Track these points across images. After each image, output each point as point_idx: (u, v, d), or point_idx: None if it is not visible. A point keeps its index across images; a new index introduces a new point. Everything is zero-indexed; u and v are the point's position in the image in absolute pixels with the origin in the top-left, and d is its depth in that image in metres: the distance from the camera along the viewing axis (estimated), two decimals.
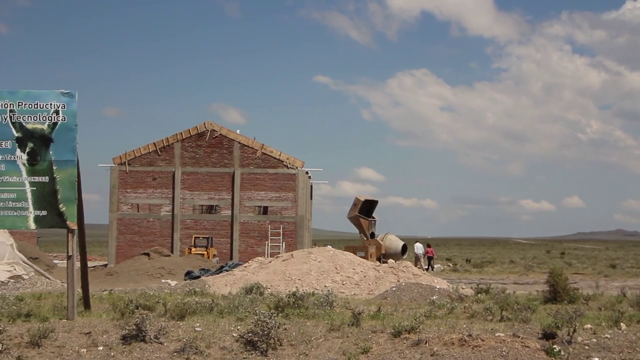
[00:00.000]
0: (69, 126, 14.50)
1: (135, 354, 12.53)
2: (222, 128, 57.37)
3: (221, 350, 12.69)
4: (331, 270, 27.90)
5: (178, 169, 56.24)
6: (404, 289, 21.58)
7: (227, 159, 56.38)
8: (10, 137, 14.42)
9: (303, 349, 12.72)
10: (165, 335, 12.98)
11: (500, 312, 14.90)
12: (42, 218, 14.51)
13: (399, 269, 28.40)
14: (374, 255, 48.35)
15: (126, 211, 56.43)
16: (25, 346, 12.65)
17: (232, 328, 13.40)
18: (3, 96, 14.49)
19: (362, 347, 12.60)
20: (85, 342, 12.90)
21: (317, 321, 13.84)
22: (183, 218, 56.11)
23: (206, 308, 14.96)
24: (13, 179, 14.41)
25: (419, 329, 13.00)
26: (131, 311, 14.18)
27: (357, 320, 13.56)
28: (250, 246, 55.53)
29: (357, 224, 52.90)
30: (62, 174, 14.48)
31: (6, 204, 14.38)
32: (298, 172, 56.17)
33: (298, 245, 52.78)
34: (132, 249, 54.37)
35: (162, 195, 56.32)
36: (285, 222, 55.63)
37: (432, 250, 54.72)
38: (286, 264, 28.68)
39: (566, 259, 71.49)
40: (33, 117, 14.46)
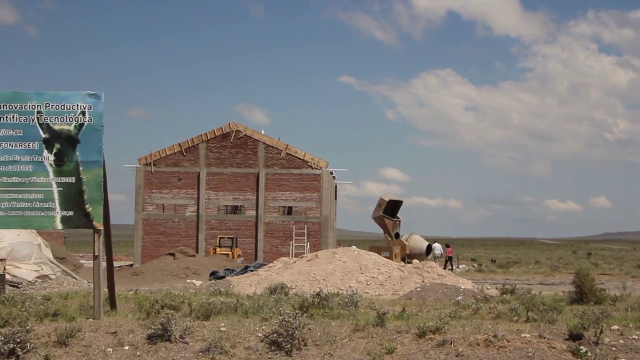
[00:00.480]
0: (95, 127, 14.60)
1: (160, 354, 12.59)
2: (246, 128, 57.51)
3: (246, 350, 12.72)
4: (356, 270, 27.88)
5: (203, 170, 56.44)
6: (429, 290, 21.52)
7: (252, 159, 56.51)
8: (37, 138, 14.54)
9: (328, 349, 12.72)
10: (190, 335, 13.03)
11: (526, 312, 14.82)
12: (69, 218, 14.62)
13: (424, 269, 28.34)
14: (399, 256, 48.29)
15: (152, 211, 56.73)
16: (53, 345, 12.75)
17: (257, 328, 13.43)
18: (31, 98, 14.62)
19: (387, 348, 12.58)
20: (112, 341, 12.98)
21: (341, 321, 13.84)
22: (208, 218, 56.31)
23: (231, 308, 15.00)
24: (40, 180, 14.53)
25: (444, 329, 12.96)
26: (157, 311, 14.25)
27: (382, 320, 13.54)
28: (274, 246, 55.61)
29: (381, 224, 52.88)
30: (89, 175, 14.58)
31: (34, 204, 14.51)
32: (322, 173, 56.17)
33: (322, 246, 52.78)
34: (158, 249, 54.64)
35: (187, 196, 56.55)
36: (310, 222, 55.65)
37: (450, 250, 54.58)
38: (311, 264, 28.70)
39: (593, 260, 70.94)
40: (60, 118, 14.57)
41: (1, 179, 14.46)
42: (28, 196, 14.52)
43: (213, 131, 57.16)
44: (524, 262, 65.02)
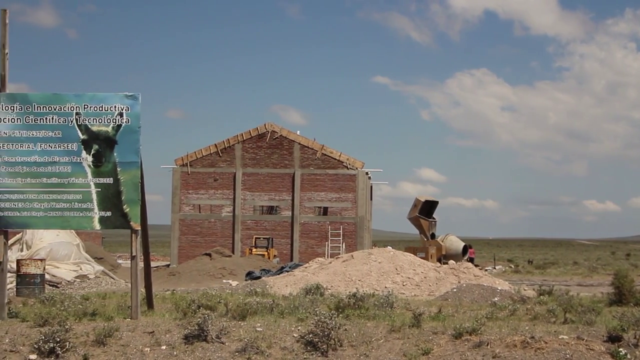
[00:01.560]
0: (133, 128, 14.72)
1: (197, 354, 12.66)
2: (282, 129, 57.65)
3: (282, 351, 12.75)
4: (391, 271, 27.81)
5: (239, 170, 56.68)
6: (465, 290, 21.42)
7: (288, 159, 56.63)
8: (76, 139, 14.69)
9: (363, 349, 12.71)
10: (226, 335, 13.08)
11: (563, 314, 14.68)
12: (107, 219, 14.75)
13: (460, 270, 28.19)
14: (435, 256, 48.10)
15: (188, 212, 57.08)
16: (91, 344, 12.87)
17: (293, 328, 13.44)
18: (69, 99, 14.78)
19: (423, 349, 12.54)
20: (149, 341, 13.07)
21: (377, 322, 13.81)
22: (244, 219, 56.53)
23: (267, 308, 15.04)
24: (79, 181, 14.68)
25: (481, 330, 12.88)
26: (193, 311, 14.33)
27: (418, 321, 13.49)
28: (310, 247, 55.68)
29: (417, 224, 52.69)
30: (126, 176, 14.70)
31: (72, 205, 14.66)
32: (358, 173, 56.13)
33: (358, 246, 52.73)
34: (194, 249, 54.97)
35: (223, 196, 56.82)
36: (345, 222, 55.63)
37: (473, 252, 54.26)
38: (346, 265, 28.68)
39: (632, 261, 70.04)
40: (98, 119, 14.71)
41: (41, 180, 14.64)
42: (67, 197, 14.68)
43: (249, 132, 57.39)
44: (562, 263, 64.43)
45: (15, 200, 14.62)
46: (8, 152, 14.65)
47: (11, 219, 14.68)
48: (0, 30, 15.13)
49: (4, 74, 15.05)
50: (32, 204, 14.65)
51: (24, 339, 12.99)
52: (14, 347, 12.80)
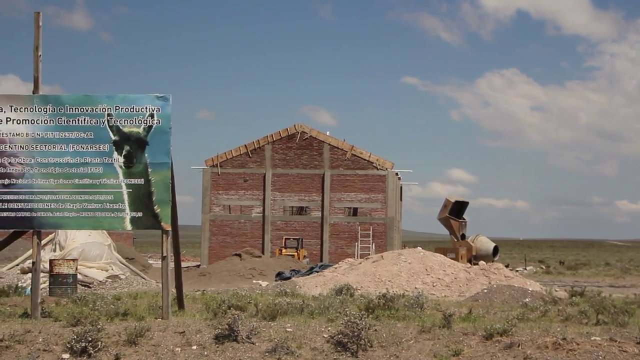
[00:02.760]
0: (164, 129, 14.81)
1: (227, 354, 12.71)
2: (312, 130, 57.71)
3: (312, 351, 12.76)
4: (421, 271, 27.75)
5: (269, 171, 56.82)
6: (496, 291, 21.31)
7: (317, 160, 56.67)
8: (107, 140, 14.81)
9: (394, 350, 12.68)
10: (256, 336, 13.11)
11: (595, 315, 14.56)
12: (138, 219, 14.85)
13: (491, 270, 28.07)
14: (465, 257, 47.90)
15: (218, 212, 57.32)
16: (123, 344, 12.96)
17: (323, 329, 13.45)
18: (101, 101, 14.90)
19: (454, 350, 12.49)
20: (180, 341, 13.14)
21: (407, 323, 13.78)
22: (274, 219, 56.65)
23: (297, 309, 15.06)
24: (110, 181, 14.79)
25: (512, 331, 12.80)
26: (224, 311, 14.39)
27: (448, 322, 13.44)
28: (340, 247, 55.67)
29: (447, 225, 52.52)
30: (157, 176, 14.78)
31: (104, 205, 14.78)
32: (388, 174, 56.03)
33: (388, 247, 52.63)
34: (224, 249, 55.17)
35: (253, 197, 56.99)
36: (375, 223, 55.55)
37: None
38: (376, 266, 28.66)
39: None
40: (129, 120, 14.81)
41: (73, 181, 14.77)
42: (99, 197, 14.79)
43: (279, 132, 57.51)
44: (594, 264, 63.88)
45: (48, 201, 14.77)
46: (41, 153, 14.81)
47: (44, 219, 14.83)
48: (34, 32, 15.31)
49: (37, 75, 15.22)
50: (65, 204, 14.79)
51: (57, 339, 13.12)
52: (47, 347, 12.93)
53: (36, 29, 15.31)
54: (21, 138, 14.82)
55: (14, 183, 14.80)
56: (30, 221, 14.84)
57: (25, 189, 14.78)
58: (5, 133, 14.84)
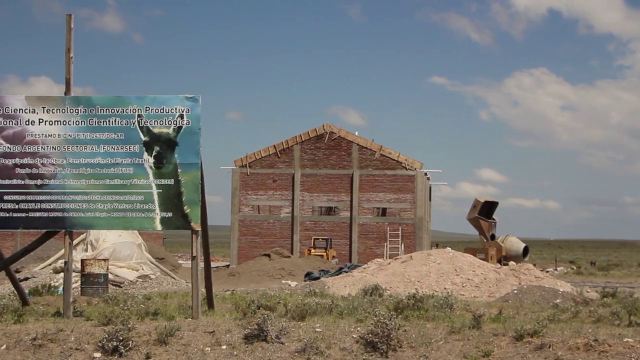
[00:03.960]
0: (193, 130, 14.88)
1: (257, 354, 12.74)
2: (340, 130, 57.72)
3: (341, 351, 12.76)
4: (451, 272, 27.65)
5: (297, 171, 56.90)
6: (526, 292, 21.17)
7: (346, 160, 56.67)
8: (138, 141, 14.91)
9: (423, 351, 12.65)
10: (286, 336, 13.14)
11: (628, 316, 14.41)
12: (168, 219, 14.93)
13: (521, 271, 27.90)
14: (495, 258, 47.70)
15: (247, 213, 57.51)
16: (153, 344, 13.04)
17: (352, 329, 13.44)
18: (132, 102, 15.01)
19: (483, 351, 12.43)
20: (209, 340, 13.20)
21: (437, 323, 13.73)
22: (302, 219, 56.73)
23: (326, 309, 15.06)
24: (141, 182, 14.89)
25: (542, 332, 12.71)
26: (253, 311, 14.42)
27: (478, 323, 13.38)
28: (369, 247, 55.64)
29: (476, 225, 52.32)
30: (187, 177, 14.86)
31: (134, 205, 14.88)
32: (417, 174, 55.90)
33: (417, 247, 52.53)
34: (253, 250, 55.37)
35: (282, 197, 57.12)
36: (404, 223, 55.45)
37: None
38: (405, 266, 28.59)
39: None
40: (159, 121, 14.90)
41: (104, 181, 14.89)
42: (129, 198, 14.90)
43: (307, 133, 57.59)
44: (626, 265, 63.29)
45: (80, 201, 14.91)
46: (73, 154, 14.95)
47: (76, 219, 14.97)
48: (66, 34, 15.46)
49: (69, 77, 15.36)
50: (96, 204, 14.92)
51: (89, 338, 13.24)
52: (79, 345, 13.06)
53: (68, 31, 15.46)
54: (53, 139, 14.97)
55: (46, 184, 14.96)
56: (62, 221, 14.99)
57: (58, 189, 14.92)
58: (38, 134, 15.00)
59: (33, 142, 15.00)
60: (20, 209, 14.97)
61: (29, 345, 13.09)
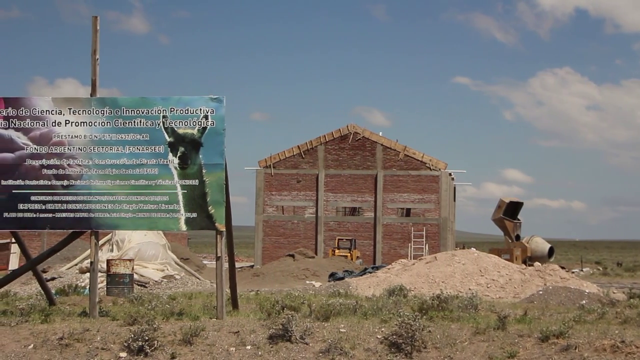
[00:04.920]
0: (218, 130, 14.93)
1: (281, 354, 12.77)
2: (364, 130, 57.67)
3: (365, 352, 12.75)
4: (475, 273, 27.53)
5: (321, 172, 56.92)
6: (552, 293, 21.05)
7: (370, 161, 56.61)
8: (163, 142, 14.99)
9: (448, 352, 12.61)
10: (310, 336, 13.16)
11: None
12: (192, 220, 14.99)
13: (546, 272, 27.73)
14: (520, 258, 47.48)
15: (272, 213, 57.60)
16: (178, 343, 13.11)
17: (376, 330, 13.43)
18: (157, 103, 15.09)
19: (509, 352, 12.37)
20: (234, 341, 13.24)
21: (461, 324, 13.69)
22: (326, 220, 56.72)
23: (350, 309, 15.06)
24: (165, 182, 14.96)
25: (568, 334, 12.63)
26: (277, 311, 14.45)
27: (503, 323, 13.31)
28: (393, 248, 55.53)
29: (501, 226, 52.10)
30: (211, 177, 14.91)
31: (159, 206, 14.95)
32: (441, 174, 55.73)
33: (441, 248, 52.35)
34: (278, 250, 55.44)
35: (306, 198, 57.14)
36: (428, 224, 55.29)
37: None
38: (429, 267, 28.51)
39: None
40: (184, 122, 14.97)
41: (129, 182, 14.98)
42: (154, 198, 14.98)
43: (331, 133, 57.59)
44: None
45: (105, 201, 15.01)
46: (98, 154, 15.05)
47: (101, 219, 15.07)
48: (92, 36, 15.57)
49: (94, 78, 15.47)
50: (121, 205, 15.01)
51: (115, 337, 13.33)
52: (105, 345, 13.15)
53: (94, 33, 15.57)
54: (79, 140, 15.09)
55: (72, 184, 15.07)
56: (88, 222, 15.10)
57: (84, 190, 15.03)
58: (64, 135, 15.12)
59: (59, 143, 15.13)
60: (47, 209, 15.10)
61: (55, 344, 13.21)
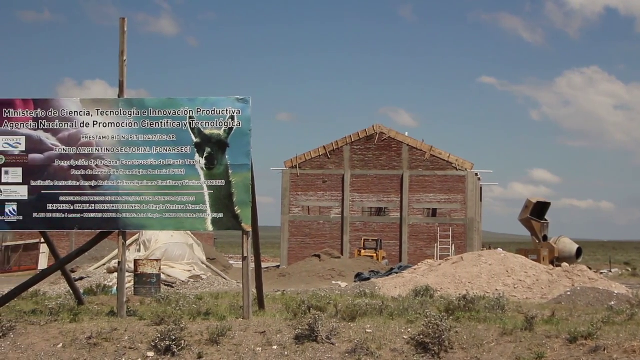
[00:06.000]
0: (244, 131, 14.98)
1: (308, 354, 12.78)
2: (390, 131, 57.59)
3: (392, 352, 12.73)
4: (502, 273, 27.40)
5: (347, 172, 56.90)
6: (580, 294, 20.87)
7: (396, 161, 56.52)
8: (189, 142, 15.06)
9: (474, 353, 12.56)
10: (336, 336, 13.15)
11: None
12: (219, 220, 15.04)
13: (574, 272, 27.54)
14: (547, 259, 47.19)
15: (297, 213, 57.68)
16: (205, 343, 13.16)
17: (403, 330, 13.40)
18: (183, 103, 15.17)
19: (536, 353, 12.29)
20: (261, 341, 13.27)
21: (488, 325, 13.62)
22: (352, 220, 56.70)
23: (376, 310, 15.03)
24: (192, 183, 15.03)
25: (597, 335, 12.53)
26: (303, 312, 14.46)
27: (531, 324, 13.23)
28: (419, 248, 55.41)
29: (528, 226, 51.83)
30: (237, 178, 14.95)
31: (186, 206, 15.02)
32: (467, 174, 55.52)
33: (468, 248, 52.15)
34: (304, 250, 55.51)
35: (332, 198, 57.16)
36: (455, 224, 55.11)
37: None
38: (456, 267, 28.41)
39: None
40: (210, 123, 15.02)
41: (156, 182, 15.06)
42: (181, 199, 15.04)
43: (357, 134, 57.57)
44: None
45: (133, 202, 15.10)
46: (126, 155, 15.15)
47: (129, 220, 15.17)
48: (119, 38, 15.68)
49: (122, 80, 15.58)
50: (149, 205, 15.10)
51: (142, 337, 13.41)
52: (133, 345, 13.24)
53: (121, 34, 15.68)
54: (107, 141, 15.19)
55: (100, 185, 15.18)
56: (115, 222, 15.20)
57: (111, 190, 15.14)
58: (93, 136, 15.23)
59: (88, 144, 15.24)
60: (75, 209, 15.22)
61: (84, 343, 13.33)
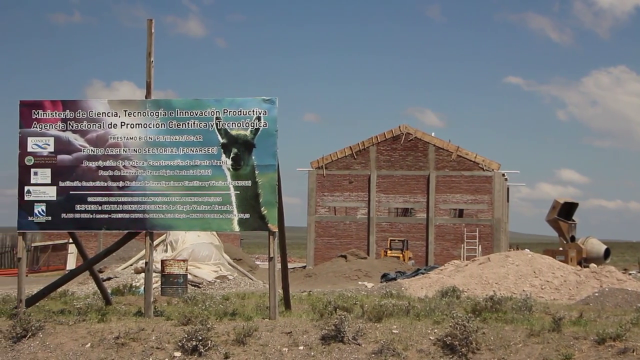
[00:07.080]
0: (270, 132, 15.02)
1: (334, 355, 12.78)
2: (417, 131, 57.46)
3: (418, 353, 12.70)
4: (529, 274, 27.23)
5: (373, 172, 56.85)
6: (608, 295, 20.71)
7: (422, 161, 56.38)
8: (216, 143, 15.13)
9: (502, 354, 12.50)
10: (362, 337, 13.15)
11: None
12: (245, 221, 15.09)
13: (602, 273, 27.31)
14: (575, 260, 46.90)
15: (324, 214, 57.70)
16: (232, 344, 13.21)
17: (429, 331, 13.37)
18: (210, 104, 15.23)
19: (564, 354, 12.21)
20: (287, 341, 13.29)
21: (515, 326, 13.55)
22: (379, 221, 56.64)
23: (403, 310, 15.00)
24: (219, 184, 15.09)
25: (625, 336, 12.42)
26: (330, 312, 14.46)
27: (558, 325, 13.15)
28: (445, 249, 55.24)
29: (556, 227, 51.53)
30: (264, 178, 14.99)
31: (213, 207, 15.08)
32: (494, 175, 55.27)
33: (495, 249, 51.91)
34: (330, 251, 55.54)
35: (358, 198, 57.13)
36: (481, 225, 54.87)
37: None
38: (483, 268, 28.28)
39: None
40: (237, 123, 15.08)
41: (183, 183, 15.15)
42: (207, 199, 15.11)
43: (383, 134, 57.52)
44: None
45: (160, 202, 15.19)
46: (153, 156, 15.25)
47: (156, 220, 15.26)
48: (147, 39, 15.78)
49: (149, 81, 15.68)
50: (175, 206, 15.18)
51: (169, 337, 13.49)
52: (160, 345, 13.32)
53: (149, 36, 15.78)
54: (134, 142, 15.30)
55: (128, 185, 15.29)
56: (143, 222, 15.30)
57: (139, 191, 15.24)
58: (120, 137, 15.35)
59: (115, 145, 15.36)
60: (103, 210, 15.34)
61: (112, 343, 13.42)
